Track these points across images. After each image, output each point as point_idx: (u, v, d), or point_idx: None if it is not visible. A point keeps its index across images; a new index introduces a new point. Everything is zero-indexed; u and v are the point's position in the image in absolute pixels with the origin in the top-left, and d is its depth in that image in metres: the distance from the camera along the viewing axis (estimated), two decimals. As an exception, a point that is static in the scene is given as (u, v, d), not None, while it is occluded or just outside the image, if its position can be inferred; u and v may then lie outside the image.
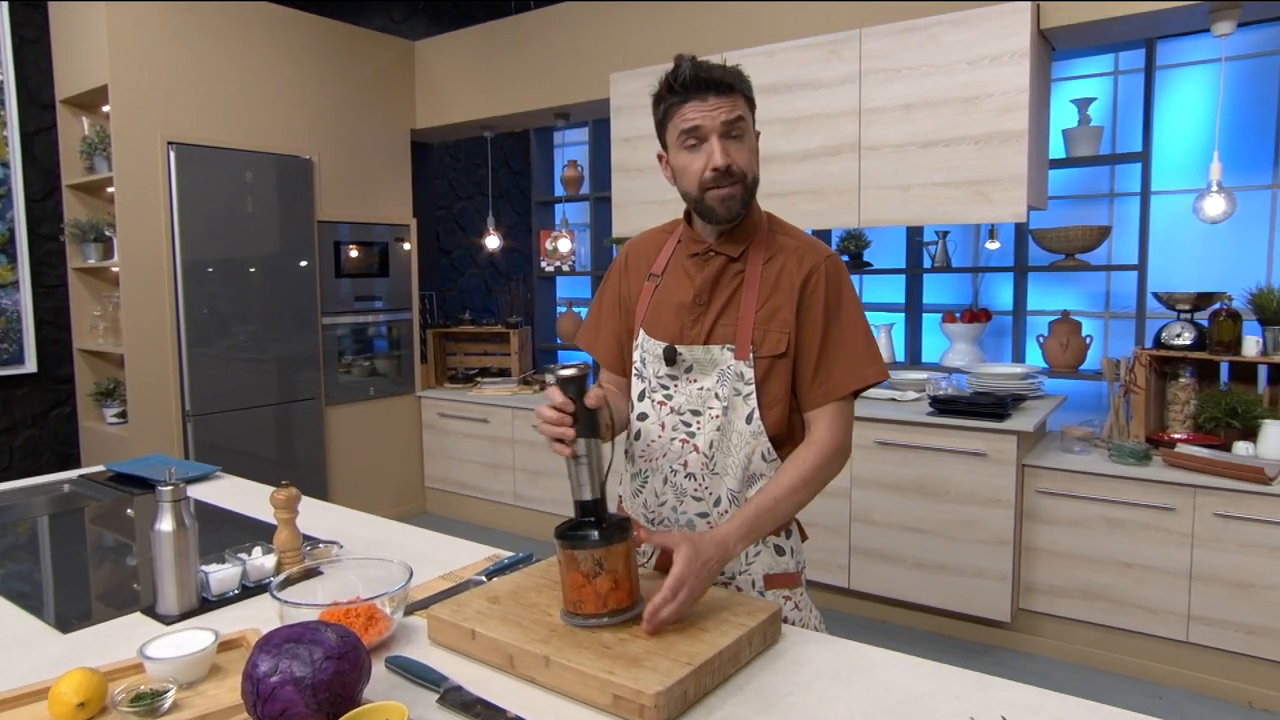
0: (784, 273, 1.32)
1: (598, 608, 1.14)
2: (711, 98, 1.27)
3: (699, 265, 1.37)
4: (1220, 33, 2.70)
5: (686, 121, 1.28)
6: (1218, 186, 2.74)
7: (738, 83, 1.29)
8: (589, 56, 4.03)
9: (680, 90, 1.28)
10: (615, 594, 1.15)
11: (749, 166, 1.30)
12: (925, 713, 1.04)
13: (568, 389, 1.18)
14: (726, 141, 1.27)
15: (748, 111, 1.30)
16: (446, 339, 5.07)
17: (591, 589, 1.14)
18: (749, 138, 1.30)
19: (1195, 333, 2.83)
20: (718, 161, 1.26)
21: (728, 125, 1.27)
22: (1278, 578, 2.54)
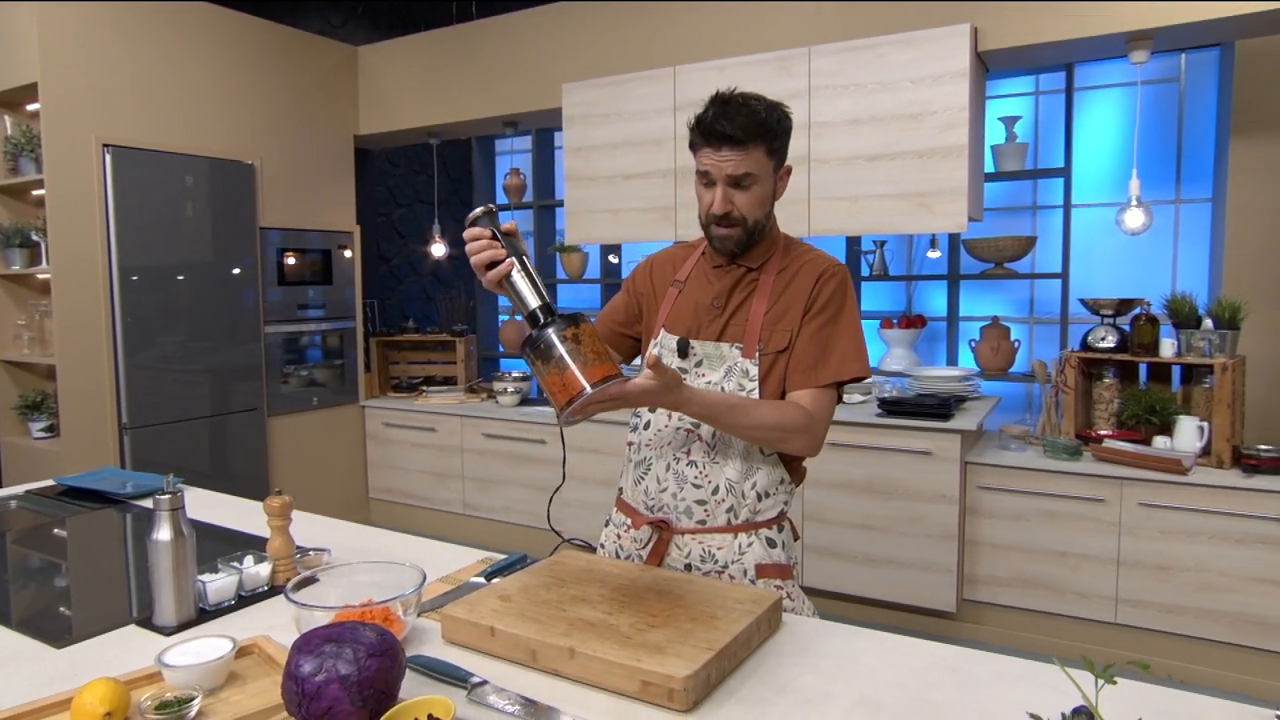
0: (797, 279, 1.42)
1: (592, 379, 1.15)
2: (725, 149, 1.33)
3: (720, 274, 1.47)
4: (1136, 60, 2.93)
5: (700, 164, 1.38)
6: (1137, 201, 2.96)
7: (756, 135, 1.33)
8: (540, 66, 4.06)
9: (701, 134, 1.35)
10: (601, 364, 1.16)
11: (750, 212, 1.37)
12: (927, 686, 1.12)
13: (480, 223, 1.24)
14: (731, 190, 1.36)
15: (765, 159, 1.35)
16: (389, 348, 5.00)
17: (577, 366, 1.15)
18: (758, 187, 1.37)
19: (1118, 336, 3.04)
20: (716, 209, 1.37)
21: (733, 178, 1.35)
22: (1193, 561, 2.76)
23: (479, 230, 1.22)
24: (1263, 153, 3.43)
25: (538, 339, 1.18)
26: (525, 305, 1.22)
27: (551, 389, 1.18)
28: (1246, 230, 3.48)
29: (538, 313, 1.21)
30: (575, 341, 1.17)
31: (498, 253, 1.20)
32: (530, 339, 1.19)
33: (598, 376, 1.16)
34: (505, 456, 4.23)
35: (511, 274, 1.22)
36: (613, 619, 1.21)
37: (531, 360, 1.19)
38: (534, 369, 1.20)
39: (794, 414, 1.34)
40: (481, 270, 1.22)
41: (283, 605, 1.40)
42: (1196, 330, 2.88)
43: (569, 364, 1.16)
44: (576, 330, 1.18)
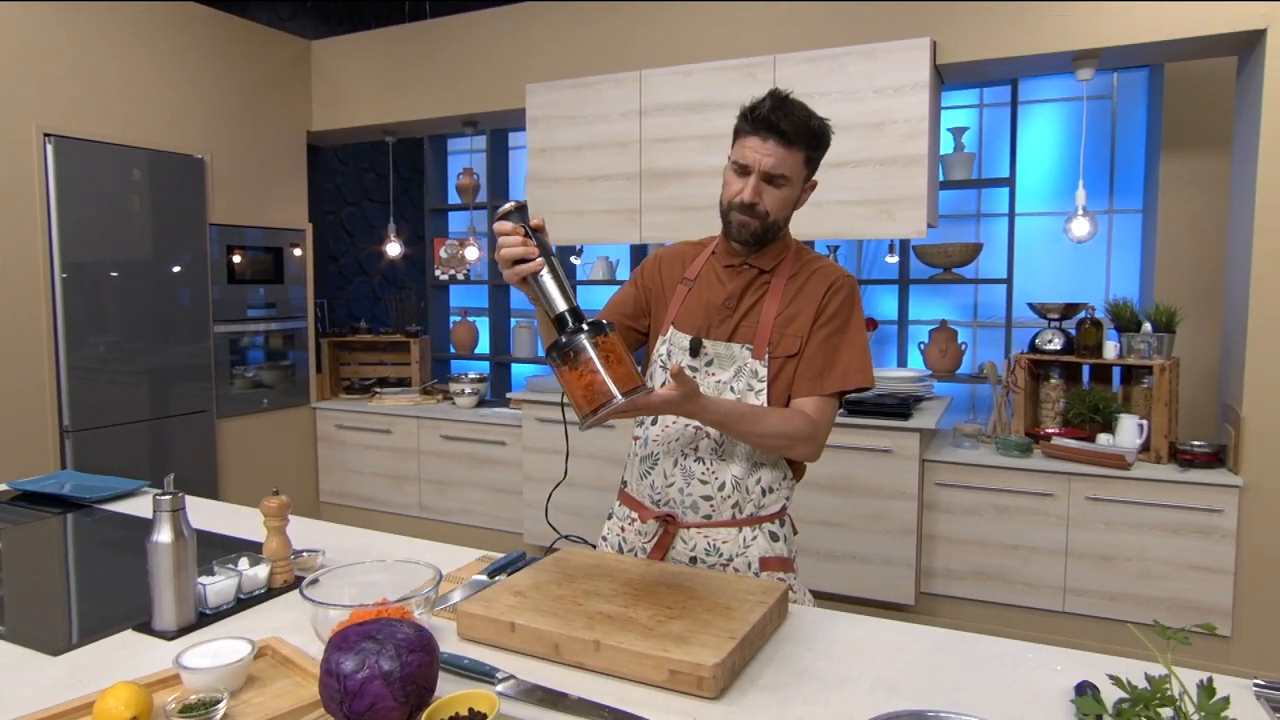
0: (808, 285, 1.46)
1: (617, 389, 1.16)
2: (772, 142, 1.36)
3: (732, 274, 1.49)
4: (1082, 77, 3.10)
5: (741, 153, 1.40)
6: (1083, 210, 3.12)
7: (803, 139, 1.37)
8: (503, 66, 4.04)
9: (752, 122, 1.37)
10: (629, 375, 1.17)
11: (774, 210, 1.41)
12: (933, 668, 1.18)
13: (511, 218, 1.23)
14: (763, 185, 1.39)
15: (801, 167, 1.39)
16: (340, 348, 4.90)
17: (605, 375, 1.16)
18: (789, 189, 1.41)
19: (1064, 339, 3.20)
20: (746, 197, 1.39)
21: (769, 174, 1.38)
22: (1135, 550, 2.92)
23: (511, 225, 1.22)
24: (1191, 167, 3.66)
25: (569, 344, 1.18)
26: (553, 307, 1.22)
27: (577, 395, 1.19)
28: (1176, 240, 3.70)
29: (566, 316, 1.21)
30: (606, 350, 1.18)
31: (530, 250, 1.20)
32: (561, 344, 1.19)
33: (627, 387, 1.17)
34: (464, 458, 4.19)
35: (541, 273, 1.22)
36: (630, 612, 1.23)
37: (558, 364, 1.19)
38: (559, 373, 1.21)
39: (800, 423, 1.39)
40: (507, 265, 1.22)
41: (283, 607, 1.38)
42: (1137, 333, 3.05)
43: (599, 372, 1.17)
44: (607, 339, 1.19)
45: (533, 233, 1.23)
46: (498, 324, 5.23)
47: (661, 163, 3.60)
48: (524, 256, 1.20)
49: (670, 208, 3.59)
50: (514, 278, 1.22)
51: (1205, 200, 3.65)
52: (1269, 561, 2.81)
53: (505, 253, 1.20)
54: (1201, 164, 3.65)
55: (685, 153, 3.54)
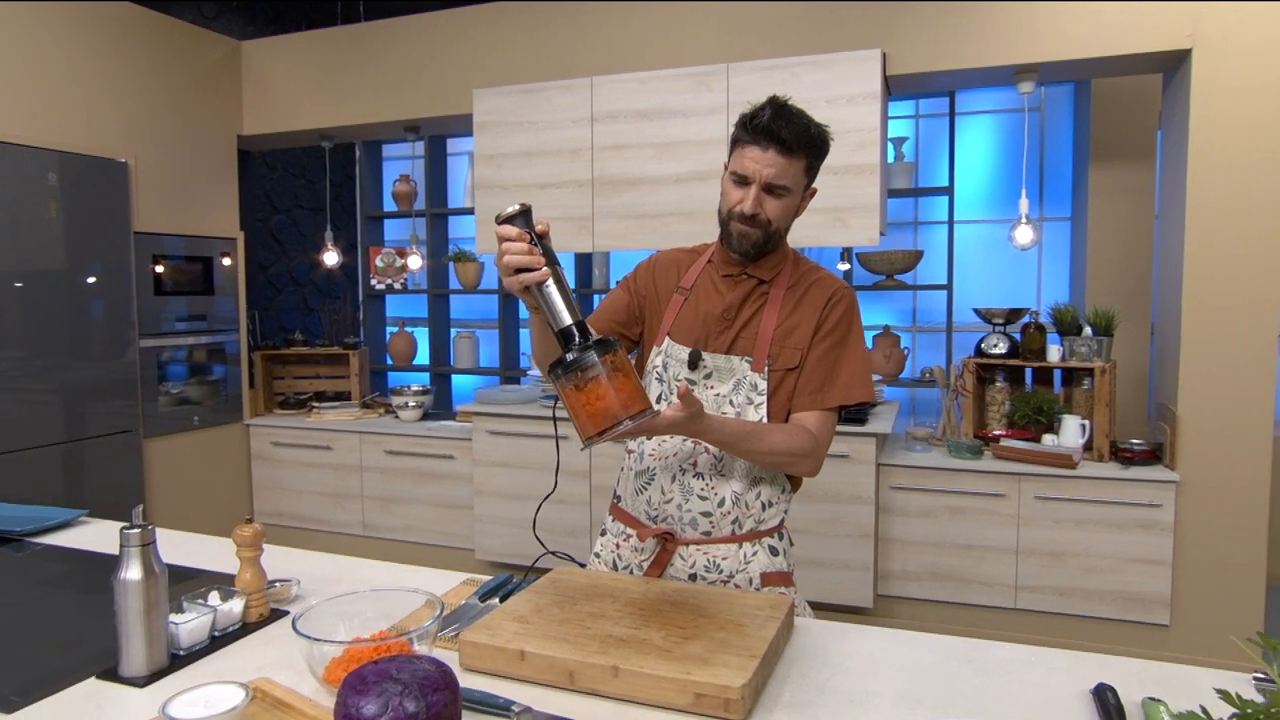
0: (808, 296, 1.44)
1: (625, 411, 1.12)
2: (772, 151, 1.34)
3: (730, 284, 1.46)
4: (1023, 90, 3.21)
5: (740, 163, 1.37)
6: (1026, 218, 3.24)
7: (804, 147, 1.35)
8: (448, 70, 3.94)
9: (751, 131, 1.35)
10: (636, 396, 1.14)
11: (776, 220, 1.39)
12: (949, 677, 1.17)
13: (515, 223, 1.17)
14: (764, 194, 1.37)
15: (801, 175, 1.38)
16: (274, 361, 4.69)
17: (614, 395, 1.12)
18: (790, 198, 1.39)
19: (1009, 343, 3.30)
20: (746, 208, 1.37)
21: (770, 184, 1.36)
22: (1082, 547, 3.03)
23: (516, 230, 1.16)
24: (1118, 178, 3.84)
25: (578, 362, 1.13)
26: (557, 320, 1.17)
27: (582, 414, 1.15)
28: (1106, 247, 3.88)
29: (572, 330, 1.16)
30: (614, 369, 1.14)
31: (535, 259, 1.15)
32: (568, 361, 1.14)
33: (635, 409, 1.14)
34: (410, 474, 4.06)
35: (546, 284, 1.17)
36: (642, 634, 1.19)
37: (563, 381, 1.15)
38: (561, 389, 1.16)
39: (802, 439, 1.37)
40: (509, 273, 1.16)
41: (260, 644, 1.29)
42: (1078, 337, 3.17)
43: (607, 392, 1.13)
44: (615, 357, 1.14)
45: (538, 239, 1.17)
46: (437, 335, 5.11)
47: (614, 170, 3.57)
48: (529, 265, 1.14)
49: (624, 215, 3.56)
50: (516, 286, 1.16)
51: (1132, 209, 3.83)
52: (1203, 553, 2.95)
53: (509, 260, 1.14)
54: (1127, 174, 3.83)
55: (638, 160, 3.52)
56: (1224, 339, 2.90)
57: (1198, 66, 2.88)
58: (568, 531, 3.69)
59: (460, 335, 5.01)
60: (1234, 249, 2.87)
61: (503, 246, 1.16)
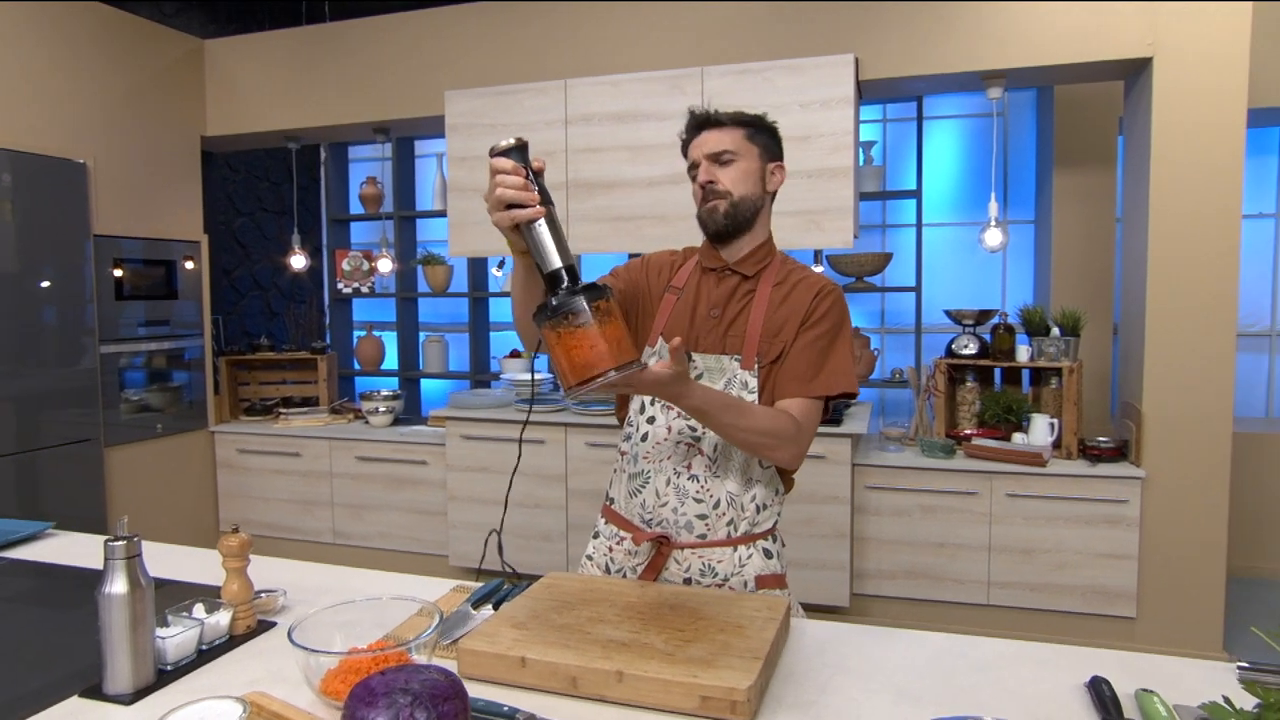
0: (794, 293, 1.45)
1: (612, 360, 1.08)
2: (704, 133, 1.44)
3: (715, 280, 1.47)
4: (992, 95, 3.28)
5: (689, 159, 1.47)
6: (995, 221, 3.30)
7: (734, 121, 1.44)
8: (420, 72, 3.90)
9: (687, 133, 1.47)
10: (625, 346, 1.10)
11: (734, 186, 1.43)
12: (946, 674, 1.19)
13: (511, 156, 1.12)
14: (713, 166, 1.43)
15: (745, 142, 1.44)
16: (239, 367, 4.59)
17: (602, 344, 1.08)
18: (741, 162, 1.43)
19: (979, 344, 3.36)
20: (701, 179, 1.44)
21: (713, 155, 1.43)
22: (1052, 543, 3.09)
23: (512, 164, 1.10)
24: (1081, 182, 3.93)
25: (563, 305, 1.07)
26: (546, 262, 1.11)
27: (565, 362, 1.09)
28: (1069, 249, 3.97)
29: (561, 274, 1.11)
30: (605, 315, 1.08)
31: (530, 196, 1.09)
32: (553, 305, 1.08)
33: (623, 359, 1.09)
34: (381, 480, 4.00)
35: (538, 223, 1.11)
36: (644, 638, 1.18)
37: (550, 326, 1.09)
38: (548, 336, 1.10)
39: (785, 422, 1.35)
40: (499, 208, 1.11)
41: (248, 657, 1.26)
42: (1046, 337, 3.24)
43: (596, 339, 1.07)
44: (606, 304, 1.09)
45: (534, 176, 1.12)
46: (406, 339, 5.04)
47: (588, 173, 3.56)
48: (522, 201, 1.10)
49: (599, 218, 3.56)
50: (506, 222, 1.11)
51: (1094, 212, 3.93)
52: (1167, 546, 3.03)
53: (501, 193, 1.09)
54: (1089, 179, 3.93)
55: (613, 163, 3.52)
56: (1186, 338, 2.99)
57: (1159, 74, 2.96)
58: (542, 536, 3.67)
59: (429, 339, 4.96)
60: (1194, 251, 2.96)
61: (496, 179, 1.10)
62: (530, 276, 1.26)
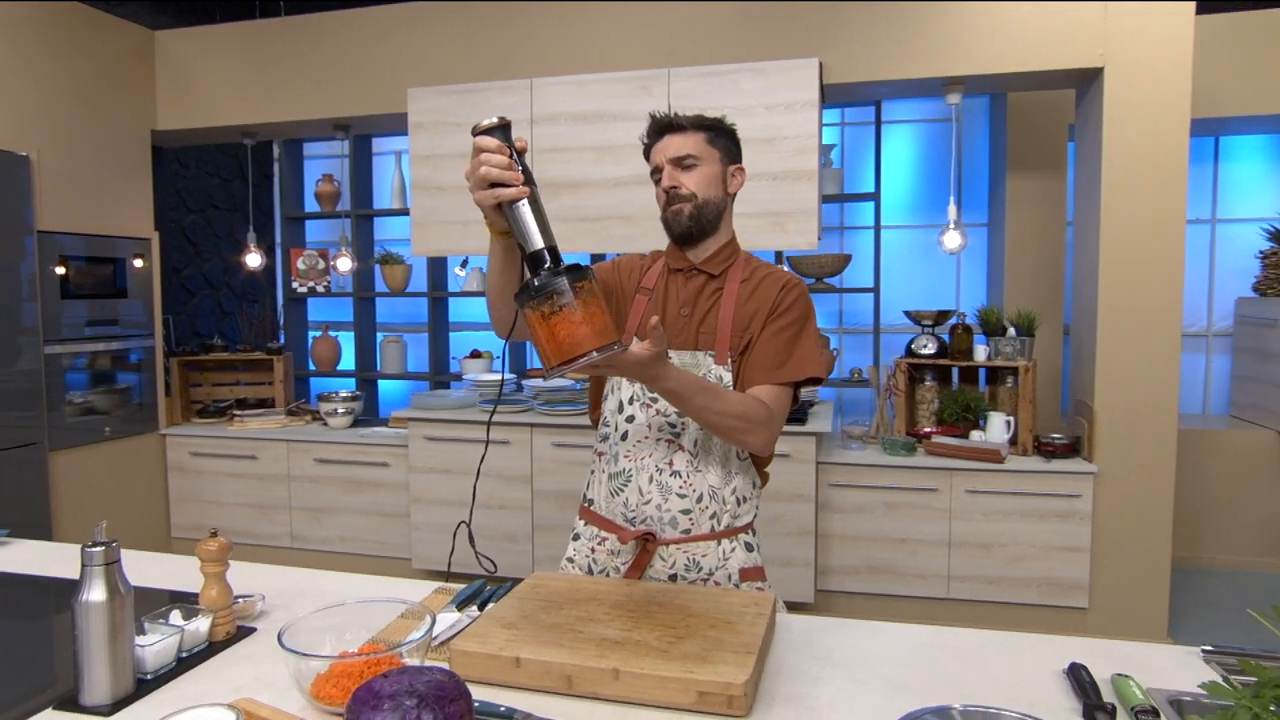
0: (760, 289, 1.47)
1: (594, 341, 1.08)
2: (666, 137, 1.47)
3: (683, 280, 1.50)
4: (951, 101, 3.36)
5: (651, 163, 1.49)
6: (954, 224, 3.38)
7: (693, 125, 1.47)
8: (382, 68, 3.84)
9: (649, 134, 1.49)
10: (607, 327, 1.10)
11: (698, 189, 1.46)
12: (930, 664, 1.22)
13: (494, 135, 1.12)
14: (676, 170, 1.46)
15: (706, 145, 1.46)
16: (191, 368, 4.46)
17: (584, 324, 1.08)
18: (703, 166, 1.46)
19: (938, 344, 3.45)
20: (665, 183, 1.46)
21: (676, 160, 1.46)
22: (1009, 537, 3.18)
23: (496, 143, 1.10)
24: (1034, 186, 4.06)
25: (547, 286, 1.07)
26: (529, 242, 1.11)
27: (548, 340, 1.09)
28: (1022, 252, 4.09)
29: (544, 254, 1.11)
30: (585, 297, 1.08)
31: (514, 175, 1.09)
32: (536, 285, 1.08)
33: (604, 340, 1.09)
34: (341, 483, 3.93)
35: (521, 202, 1.11)
36: (636, 635, 1.19)
37: (532, 306, 1.09)
38: (529, 316, 1.10)
39: (757, 407, 1.38)
40: (482, 186, 1.11)
41: (229, 664, 1.23)
42: (1003, 337, 3.34)
43: (577, 320, 1.07)
44: (590, 285, 1.09)
45: (518, 155, 1.12)
46: (364, 339, 4.96)
47: (554, 173, 3.55)
48: (506, 180, 1.10)
49: (564, 218, 3.55)
50: (489, 201, 1.11)
51: (1045, 216, 4.06)
52: (1118, 539, 3.15)
53: (485, 171, 1.09)
54: (1041, 183, 4.06)
55: (579, 163, 3.52)
56: (1135, 338, 3.11)
57: (1109, 83, 3.07)
58: (508, 538, 3.65)
59: (387, 340, 4.88)
60: (1143, 255, 3.08)
61: (480, 158, 1.10)
62: (508, 258, 1.26)
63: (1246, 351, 4.24)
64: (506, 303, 1.29)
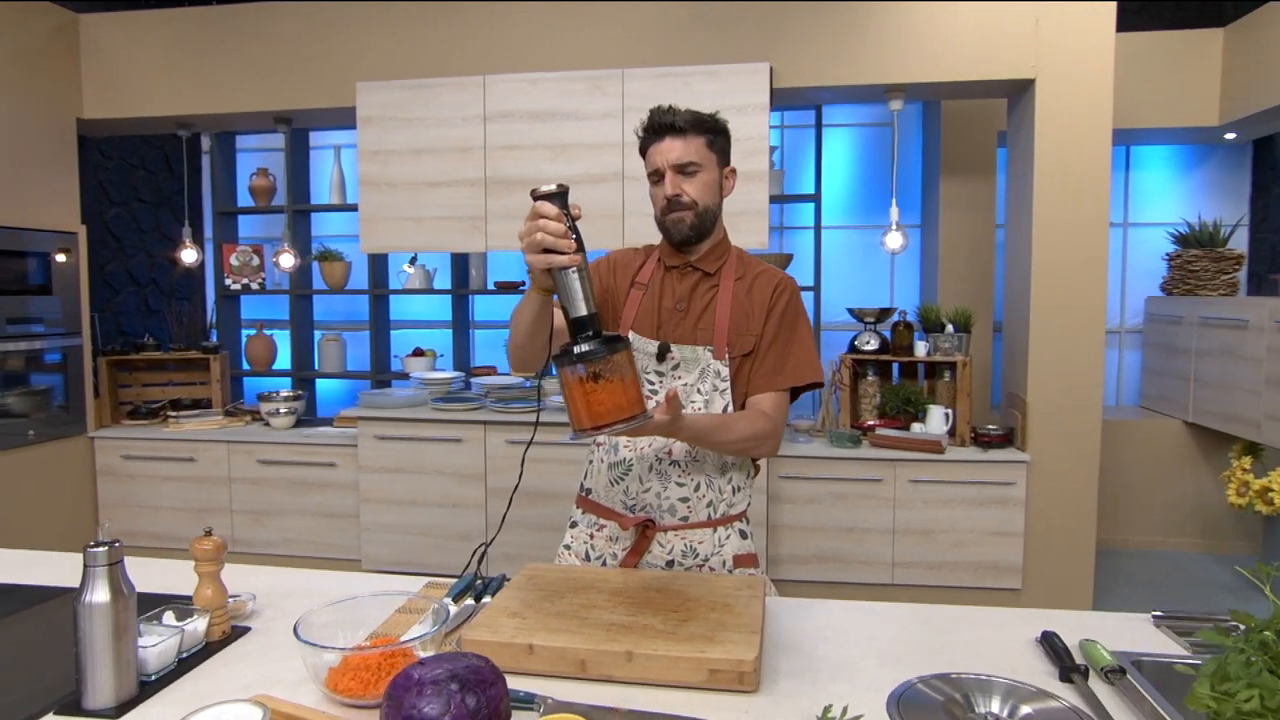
0: (755, 287, 1.52)
1: (629, 412, 1.16)
2: (668, 140, 1.46)
3: (678, 277, 1.54)
4: (894, 107, 3.50)
5: (650, 163, 1.50)
6: (896, 225, 3.53)
7: (693, 126, 1.47)
8: (328, 61, 3.75)
9: (646, 134, 1.49)
10: (637, 399, 1.18)
11: (700, 196, 1.49)
12: (915, 638, 1.30)
13: (554, 202, 1.19)
14: (679, 177, 1.47)
15: (706, 150, 1.49)
16: (120, 368, 4.28)
17: (622, 394, 1.15)
18: (704, 173, 1.49)
19: (879, 340, 3.59)
20: (668, 192, 1.48)
21: (678, 166, 1.46)
22: (949, 524, 3.35)
23: (556, 210, 1.17)
24: (965, 190, 4.26)
25: (595, 355, 1.14)
26: (574, 308, 1.19)
27: (584, 405, 1.16)
28: (954, 253, 4.29)
29: (587, 320, 1.19)
30: (625, 368, 1.17)
31: (568, 243, 1.17)
32: (583, 353, 1.15)
33: (636, 411, 1.17)
34: (285, 484, 3.84)
35: (571, 270, 1.18)
36: (641, 620, 1.23)
37: (575, 369, 1.16)
38: (568, 379, 1.17)
39: (763, 423, 1.45)
40: (536, 250, 1.18)
41: (228, 663, 1.22)
42: (941, 333, 3.50)
43: (616, 392, 1.15)
44: (628, 355, 1.18)
45: (572, 222, 1.19)
46: (301, 337, 4.83)
47: (508, 170, 3.55)
48: (560, 249, 1.17)
49: (518, 216, 3.52)
50: (540, 264, 1.18)
51: (976, 218, 4.27)
52: (1049, 524, 3.35)
53: (540, 238, 1.16)
54: (972, 187, 4.26)
55: (533, 161, 3.52)
56: (1064, 334, 3.31)
57: (1040, 93, 3.26)
58: (461, 536, 3.63)
59: (326, 338, 4.78)
60: (1071, 256, 3.28)
61: (539, 223, 1.17)
62: (544, 312, 1.34)
63: (1156, 347, 4.55)
64: (533, 347, 1.38)
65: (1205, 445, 4.20)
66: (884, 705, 1.08)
